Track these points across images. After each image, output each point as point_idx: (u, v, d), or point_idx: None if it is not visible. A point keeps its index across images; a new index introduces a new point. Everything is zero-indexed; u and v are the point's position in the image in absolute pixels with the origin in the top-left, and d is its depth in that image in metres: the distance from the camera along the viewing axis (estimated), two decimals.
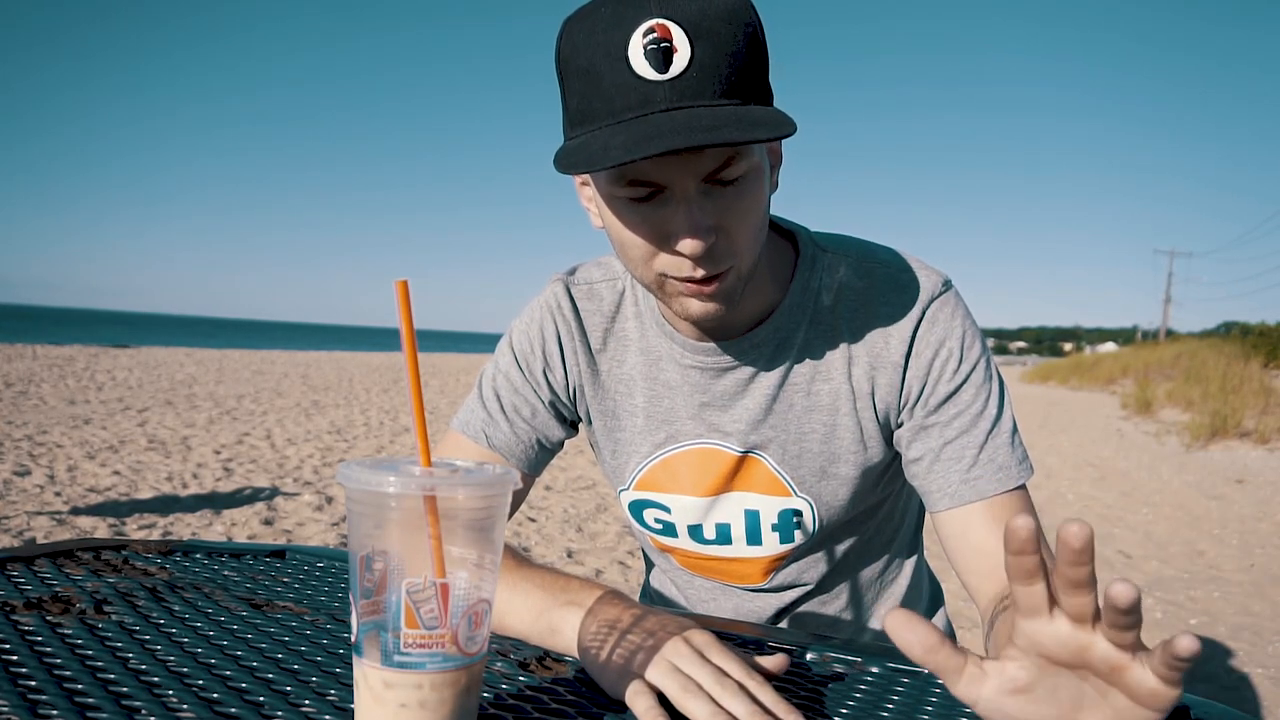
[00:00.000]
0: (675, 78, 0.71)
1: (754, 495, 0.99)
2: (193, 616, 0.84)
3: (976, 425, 0.90)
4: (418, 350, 0.57)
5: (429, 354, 31.65)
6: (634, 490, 1.04)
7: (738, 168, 0.76)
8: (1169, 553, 4.96)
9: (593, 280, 1.02)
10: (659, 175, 0.76)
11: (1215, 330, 44.03)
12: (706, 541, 1.04)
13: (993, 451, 0.89)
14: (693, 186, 0.76)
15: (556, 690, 0.71)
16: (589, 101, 0.75)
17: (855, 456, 0.96)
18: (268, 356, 23.24)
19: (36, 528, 4.18)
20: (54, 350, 18.93)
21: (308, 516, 4.75)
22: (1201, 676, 3.11)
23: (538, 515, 5.11)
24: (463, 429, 1.00)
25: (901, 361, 0.92)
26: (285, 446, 7.20)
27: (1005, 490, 0.87)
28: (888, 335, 0.92)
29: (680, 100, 0.72)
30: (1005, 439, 0.90)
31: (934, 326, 0.91)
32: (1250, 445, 9.44)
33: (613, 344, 1.01)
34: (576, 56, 0.75)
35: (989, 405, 0.90)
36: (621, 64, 0.72)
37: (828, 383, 0.94)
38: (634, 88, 0.72)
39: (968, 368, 0.91)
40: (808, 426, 0.95)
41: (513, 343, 1.02)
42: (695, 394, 0.97)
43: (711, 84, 0.72)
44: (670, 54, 0.71)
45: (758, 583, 1.06)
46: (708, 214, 0.77)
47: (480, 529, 0.56)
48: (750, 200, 0.79)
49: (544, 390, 1.00)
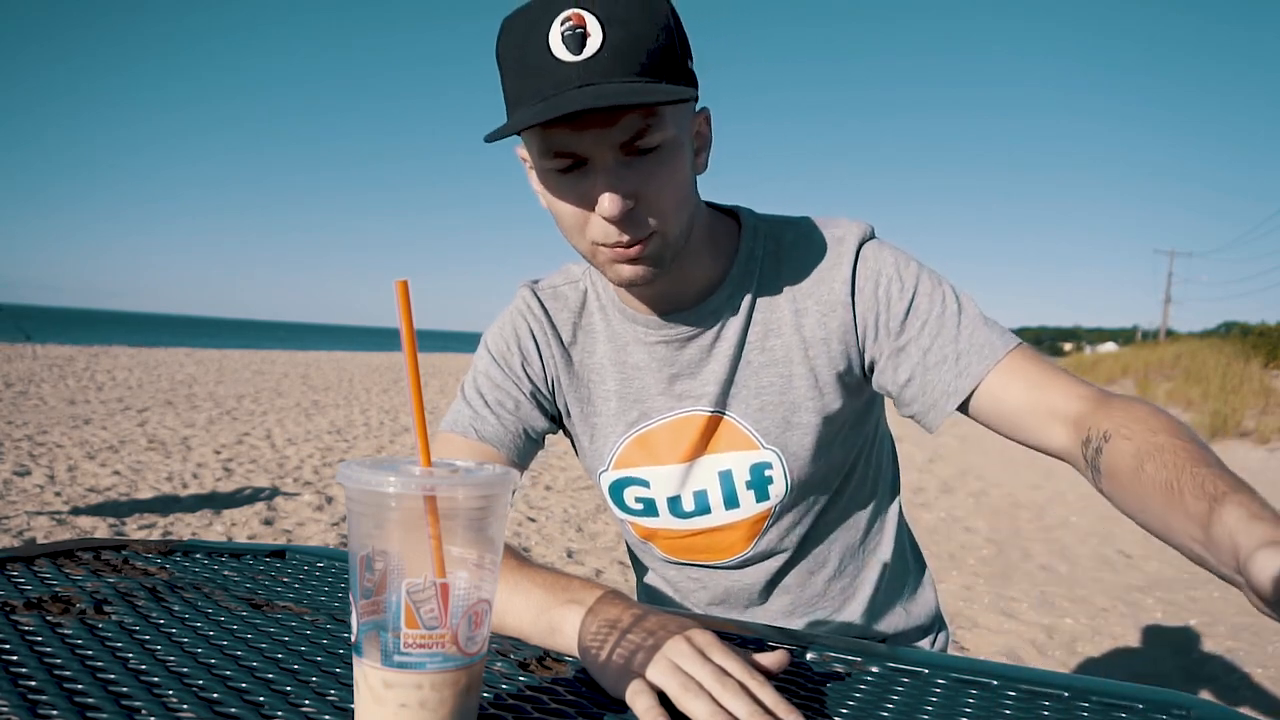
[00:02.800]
0: (588, 59, 0.79)
1: (726, 455, 1.04)
2: (193, 616, 0.84)
3: (944, 324, 0.95)
4: (418, 350, 0.57)
5: (429, 354, 31.67)
6: (613, 470, 1.08)
7: (652, 138, 0.83)
8: (1169, 553, 4.95)
9: (556, 285, 1.10)
10: (578, 146, 0.83)
11: (1215, 330, 44.06)
12: (686, 515, 1.07)
13: (970, 337, 0.94)
14: (610, 156, 0.84)
15: (556, 690, 0.71)
16: (518, 85, 0.83)
17: (813, 403, 1.01)
18: (268, 356, 23.24)
19: (36, 528, 4.18)
20: (54, 350, 18.93)
21: (308, 516, 4.75)
22: (1201, 676, 3.11)
23: (538, 515, 5.11)
24: (451, 427, 1.04)
25: (848, 299, 0.98)
26: (285, 446, 7.20)
27: (997, 360, 0.92)
28: (830, 281, 0.99)
29: (592, 78, 0.79)
30: (977, 322, 0.95)
31: (868, 263, 0.98)
32: (1250, 445, 9.44)
33: (582, 337, 1.08)
34: (509, 49, 0.84)
35: (948, 304, 0.96)
36: (543, 49, 0.80)
37: (779, 337, 1.01)
38: (553, 69, 0.80)
39: (911, 282, 0.97)
40: (765, 380, 1.02)
41: (489, 346, 1.08)
42: (664, 368, 1.04)
43: (622, 64, 0.80)
44: (584, 39, 0.79)
45: (741, 551, 1.08)
46: (626, 181, 0.84)
47: (480, 529, 0.56)
48: (668, 170, 0.86)
49: (524, 383, 1.05)
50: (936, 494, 6.55)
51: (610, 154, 0.83)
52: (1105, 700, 0.73)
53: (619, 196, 0.84)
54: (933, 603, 1.21)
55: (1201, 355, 17.08)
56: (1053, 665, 3.17)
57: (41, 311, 41.04)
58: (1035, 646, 3.35)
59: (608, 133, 0.82)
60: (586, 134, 0.82)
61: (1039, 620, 3.66)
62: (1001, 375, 0.91)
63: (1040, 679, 0.76)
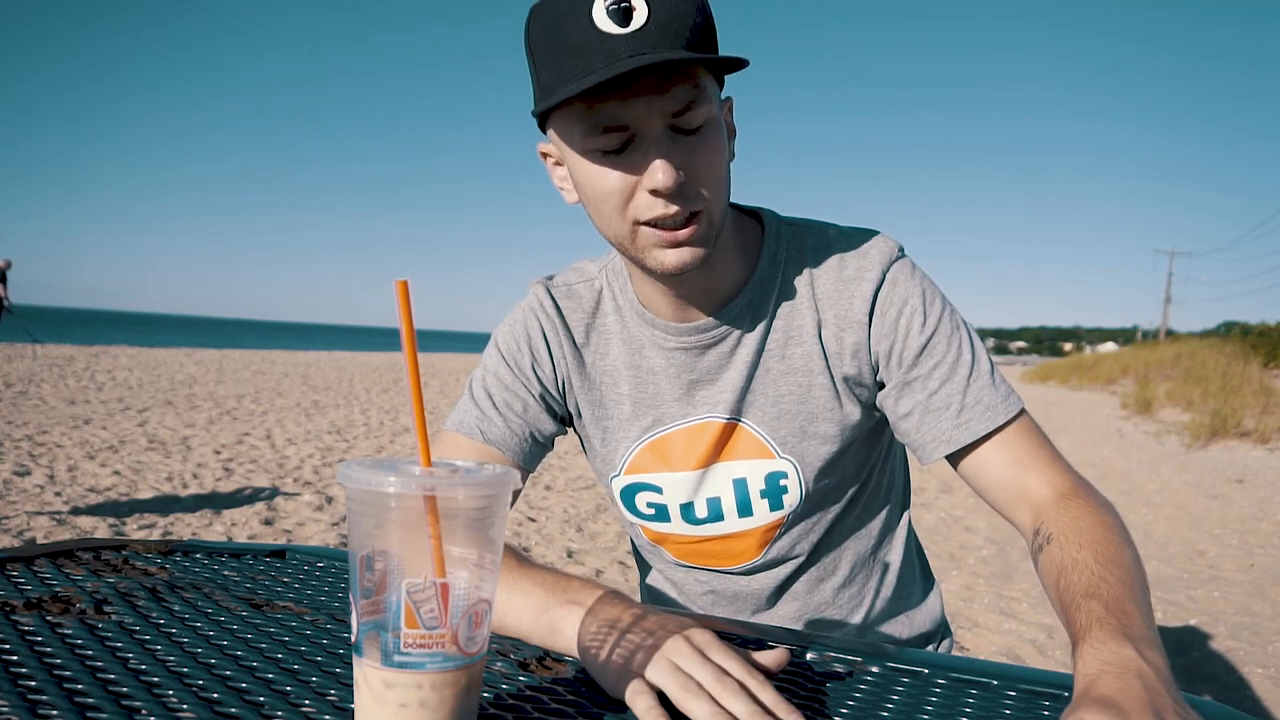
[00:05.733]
0: (635, 31, 0.79)
1: (740, 463, 1.02)
2: (193, 616, 0.84)
3: (956, 372, 0.95)
4: (418, 350, 0.57)
5: (429, 354, 31.67)
6: (625, 475, 1.06)
7: (698, 113, 0.83)
8: (1169, 553, 4.97)
9: (570, 282, 1.07)
10: (628, 117, 0.82)
11: (1215, 330, 44.03)
12: (699, 521, 1.05)
13: (977, 393, 0.94)
14: (659, 126, 0.83)
15: (556, 690, 0.71)
16: (559, 67, 0.81)
17: (832, 414, 1.00)
18: (268, 356, 23.24)
19: (36, 528, 4.18)
20: (54, 350, 18.93)
21: (308, 516, 4.75)
22: (1201, 676, 3.11)
23: (538, 515, 5.11)
24: (457, 428, 1.02)
25: (865, 320, 0.97)
26: (285, 446, 7.20)
27: (997, 426, 0.92)
28: (851, 296, 0.97)
29: (641, 49, 0.79)
30: (986, 379, 0.95)
31: (895, 288, 0.97)
32: (1250, 445, 9.43)
33: (595, 338, 1.05)
34: (545, 32, 0.82)
35: (963, 351, 0.96)
36: (588, 25, 0.79)
37: (800, 345, 0.99)
38: (599, 43, 0.79)
39: (934, 321, 0.96)
40: (784, 388, 1.00)
41: (499, 344, 1.06)
42: (682, 374, 1.02)
43: (669, 36, 0.80)
44: (630, 12, 0.79)
45: (753, 558, 1.07)
46: (676, 154, 0.83)
47: (480, 529, 0.56)
48: (713, 147, 0.86)
49: (534, 385, 1.03)
50: (936, 494, 6.55)
51: (660, 123, 0.82)
52: None
53: (672, 165, 0.82)
54: (938, 611, 1.21)
55: (1201, 355, 17.08)
56: (1053, 665, 3.17)
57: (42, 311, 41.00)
58: (1035, 646, 3.35)
59: (659, 101, 0.81)
60: (638, 103, 0.81)
61: (1039, 620, 3.66)
62: (994, 445, 0.93)
63: (1040, 679, 0.76)
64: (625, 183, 0.85)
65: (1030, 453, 0.92)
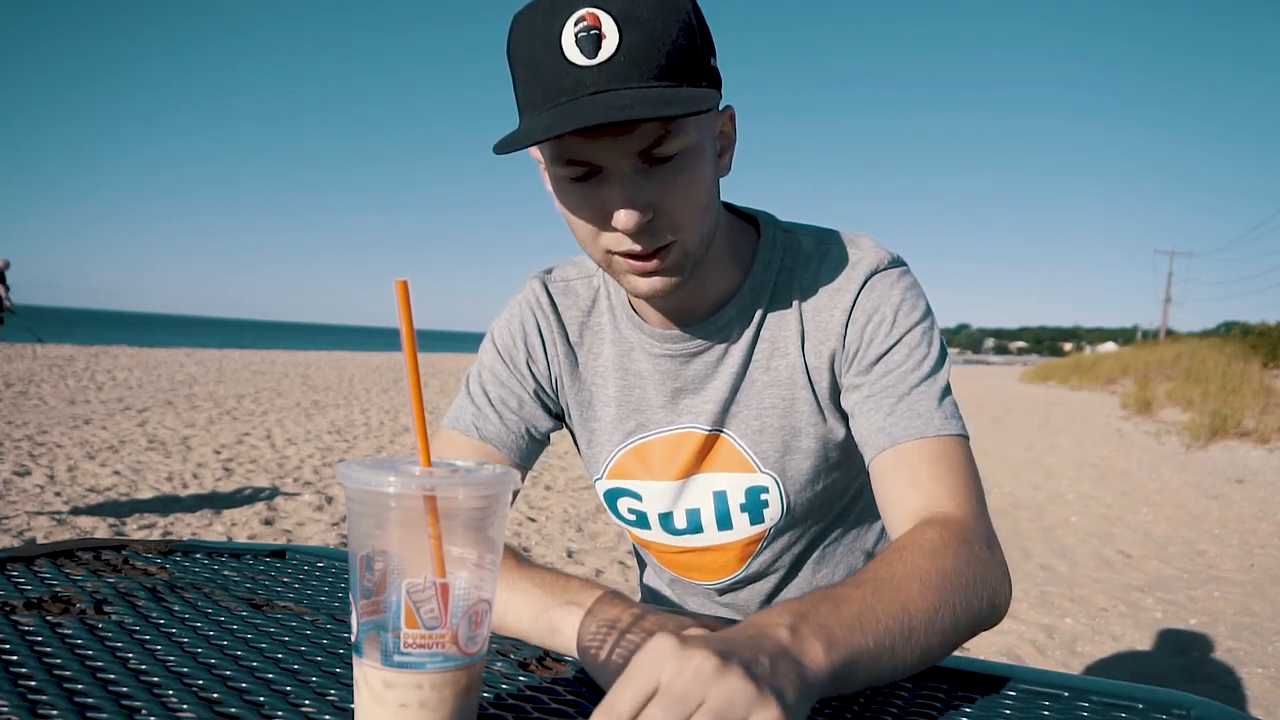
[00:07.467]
0: (603, 63, 0.75)
1: (721, 475, 1.01)
2: (193, 616, 0.84)
3: (902, 381, 0.90)
4: (418, 350, 0.57)
5: (429, 354, 31.66)
6: (607, 479, 1.06)
7: (671, 145, 0.79)
8: (1169, 552, 4.96)
9: (569, 278, 1.06)
10: (592, 155, 0.79)
11: (1215, 330, 44.05)
12: (679, 532, 1.05)
13: (913, 402, 0.88)
14: (626, 165, 0.79)
15: (556, 690, 0.71)
16: (530, 89, 0.79)
17: (815, 429, 0.98)
18: (268, 356, 23.24)
19: (36, 528, 4.18)
20: (54, 350, 18.93)
21: (308, 516, 4.75)
22: (1201, 676, 3.11)
23: (538, 515, 5.11)
24: (453, 425, 1.02)
25: (841, 330, 0.94)
26: (285, 446, 7.20)
27: (920, 437, 0.86)
28: (832, 308, 0.95)
29: (608, 84, 0.75)
30: (932, 394, 0.89)
31: (871, 295, 0.93)
32: (1250, 445, 9.43)
33: (589, 337, 1.04)
34: (520, 48, 0.80)
35: (921, 365, 0.90)
36: (556, 52, 0.76)
37: (784, 358, 0.97)
38: (566, 73, 0.76)
39: (900, 331, 0.92)
40: (768, 401, 0.98)
41: (495, 339, 1.05)
42: (667, 381, 1.00)
43: (640, 68, 0.76)
44: (599, 40, 0.75)
45: (734, 572, 1.07)
46: (644, 191, 0.80)
47: (480, 529, 0.56)
48: (688, 178, 0.82)
49: (528, 381, 1.03)
50: None
51: (626, 162, 0.79)
52: (1105, 700, 0.73)
53: (635, 211, 0.79)
54: None
55: (1201, 355, 17.08)
56: (1053, 665, 3.17)
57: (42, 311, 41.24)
58: (1035, 646, 3.35)
59: (623, 141, 0.78)
60: (600, 142, 0.78)
61: (1039, 620, 3.66)
62: (904, 456, 0.86)
63: (1040, 679, 0.76)
64: (594, 214, 0.83)
65: (932, 478, 0.84)
